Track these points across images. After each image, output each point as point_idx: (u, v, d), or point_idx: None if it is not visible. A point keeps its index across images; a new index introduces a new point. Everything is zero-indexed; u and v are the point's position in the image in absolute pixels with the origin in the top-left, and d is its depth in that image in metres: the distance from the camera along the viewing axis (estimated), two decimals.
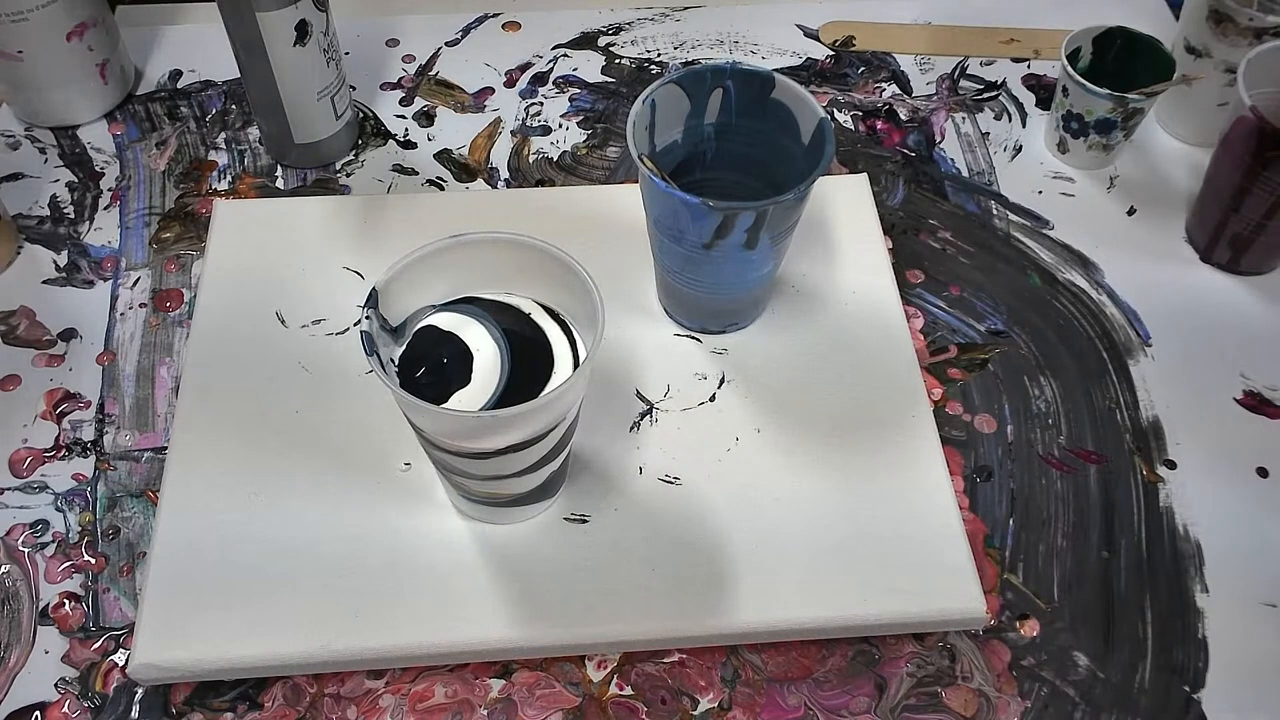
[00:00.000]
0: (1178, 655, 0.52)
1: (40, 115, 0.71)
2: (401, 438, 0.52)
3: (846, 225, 0.64)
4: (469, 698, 0.49)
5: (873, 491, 0.54)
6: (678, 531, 0.52)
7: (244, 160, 0.70)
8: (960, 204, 0.70)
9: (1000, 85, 0.77)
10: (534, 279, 0.47)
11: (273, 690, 0.49)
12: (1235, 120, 0.60)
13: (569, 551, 0.51)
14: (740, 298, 0.57)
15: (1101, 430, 0.59)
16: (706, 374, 0.58)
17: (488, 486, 0.48)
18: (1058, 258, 0.67)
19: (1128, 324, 0.64)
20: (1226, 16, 0.66)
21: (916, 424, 0.56)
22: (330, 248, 0.62)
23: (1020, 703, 0.50)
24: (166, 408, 0.58)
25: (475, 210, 0.65)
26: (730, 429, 0.56)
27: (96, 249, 0.65)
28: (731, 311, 0.58)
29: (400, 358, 0.46)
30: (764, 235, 0.51)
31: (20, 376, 0.59)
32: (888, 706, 0.50)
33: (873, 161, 0.72)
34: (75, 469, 0.56)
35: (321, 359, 0.58)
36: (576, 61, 0.77)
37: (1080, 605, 0.53)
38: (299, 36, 0.62)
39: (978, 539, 0.55)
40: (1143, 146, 0.73)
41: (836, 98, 0.75)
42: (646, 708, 0.49)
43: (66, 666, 0.50)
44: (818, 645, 0.51)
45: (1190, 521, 0.56)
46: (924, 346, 0.62)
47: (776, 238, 0.52)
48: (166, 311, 0.62)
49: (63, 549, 0.53)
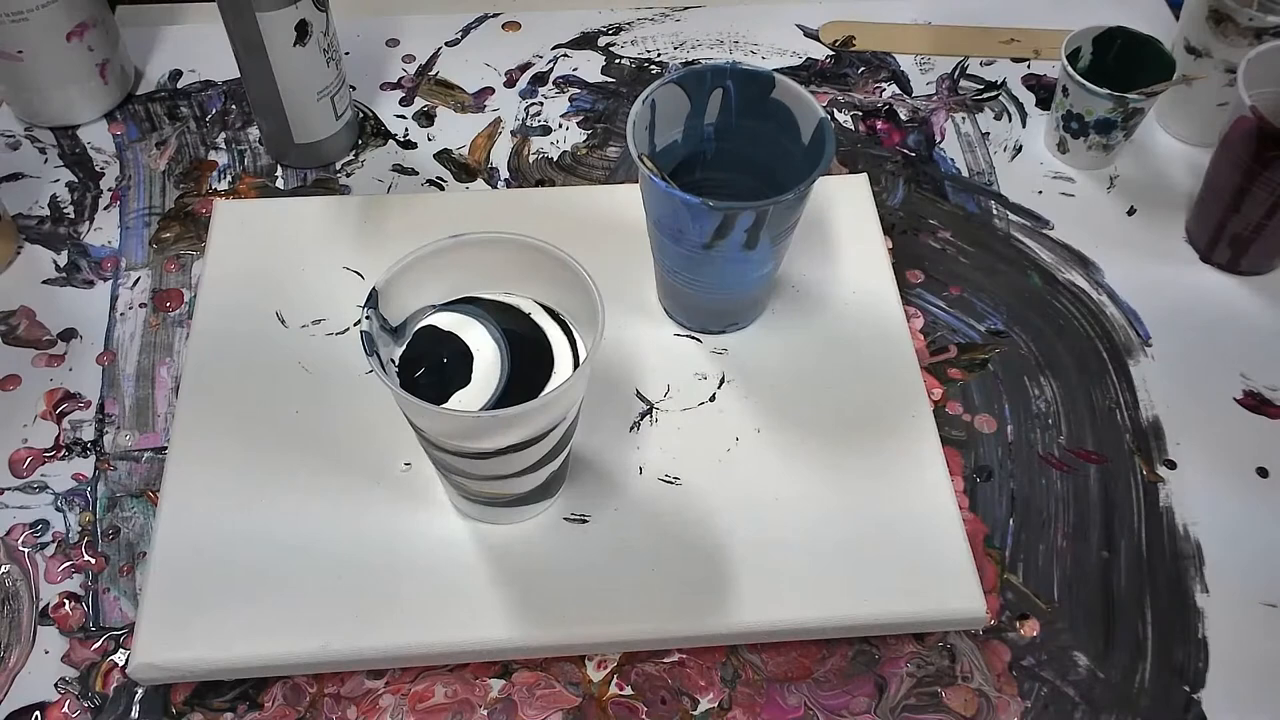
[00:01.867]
0: (1178, 655, 0.52)
1: (40, 115, 0.71)
2: (401, 438, 0.52)
3: (846, 225, 0.64)
4: (469, 698, 0.49)
5: (873, 491, 0.54)
6: (678, 531, 0.52)
7: (244, 160, 0.70)
8: (960, 204, 0.70)
9: (1000, 85, 0.77)
10: (534, 279, 0.47)
11: (273, 690, 0.49)
12: (1235, 120, 0.60)
13: (569, 551, 0.51)
14: (740, 298, 0.57)
15: (1101, 430, 0.59)
16: (706, 374, 0.58)
17: (488, 486, 0.48)
18: (1058, 258, 0.67)
19: (1128, 324, 0.64)
20: (1226, 16, 0.66)
21: (916, 424, 0.56)
22: (330, 248, 0.62)
23: (1020, 703, 0.50)
24: (166, 408, 0.58)
25: (475, 210, 0.65)
26: (730, 429, 0.56)
27: (96, 249, 0.65)
28: (731, 311, 0.58)
29: (400, 358, 0.46)
30: (764, 235, 0.51)
31: (20, 376, 0.59)
32: (888, 706, 0.50)
33: (873, 161, 0.72)
34: (75, 469, 0.56)
35: (321, 359, 0.58)
36: (576, 61, 0.77)
37: (1080, 605, 0.53)
38: (299, 36, 0.62)
39: (978, 539, 0.55)
40: (1143, 146, 0.73)
41: (836, 98, 0.75)
42: (646, 708, 0.49)
43: (66, 666, 0.50)
44: (818, 645, 0.51)
45: (1190, 521, 0.56)
46: (924, 346, 0.62)
47: (776, 237, 0.52)
48: (166, 311, 0.62)
49: (63, 549, 0.53)
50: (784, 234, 0.53)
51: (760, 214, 0.49)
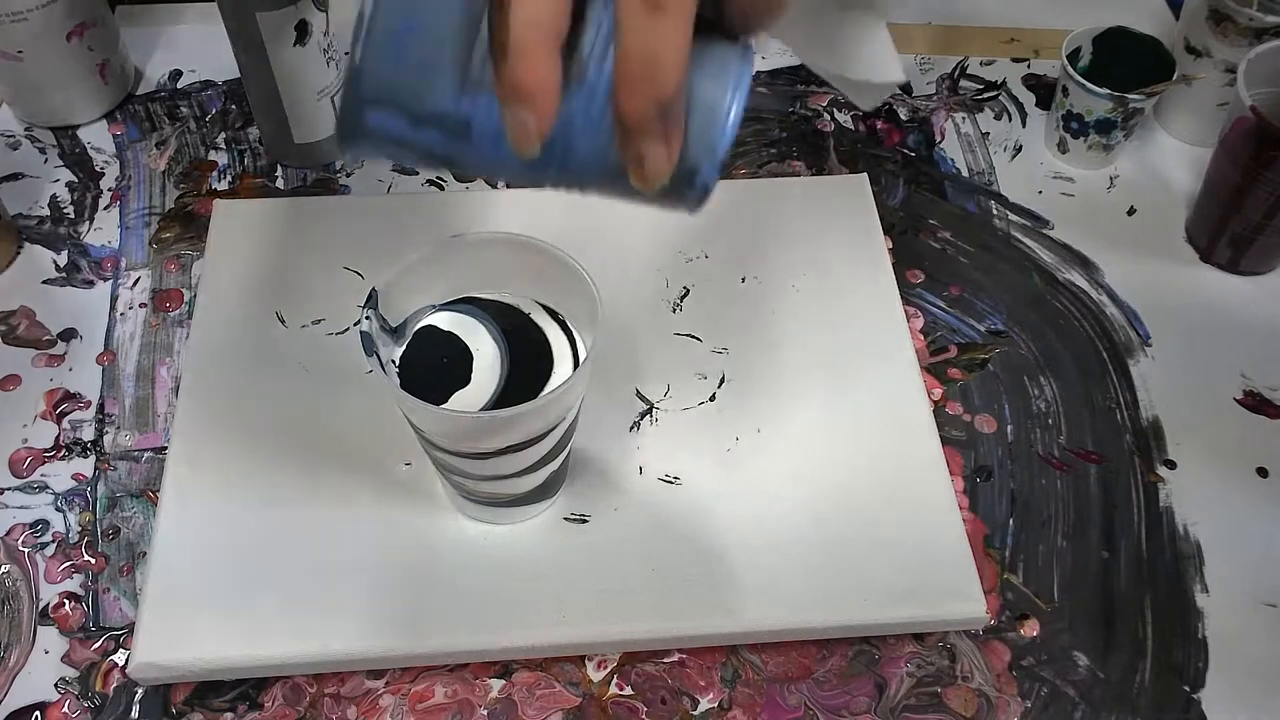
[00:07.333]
0: (1178, 655, 0.52)
1: (40, 115, 0.71)
2: (402, 438, 0.52)
3: (846, 225, 0.64)
4: (469, 698, 0.49)
5: (873, 491, 0.54)
6: (678, 531, 0.52)
7: (244, 160, 0.70)
8: (960, 204, 0.70)
9: (1000, 85, 0.77)
10: (534, 279, 0.47)
11: (273, 690, 0.49)
12: (1235, 120, 0.60)
13: (569, 551, 0.51)
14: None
15: (1101, 430, 0.59)
16: (706, 374, 0.58)
17: (488, 486, 0.48)
18: (1058, 258, 0.67)
19: (1128, 324, 0.64)
20: (1226, 16, 0.66)
21: (916, 424, 0.56)
22: (330, 248, 0.62)
23: (1020, 703, 0.50)
24: (166, 408, 0.58)
25: (475, 210, 0.65)
26: (730, 429, 0.56)
27: (96, 249, 0.65)
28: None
29: (400, 358, 0.46)
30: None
31: (20, 376, 0.59)
32: (888, 706, 0.50)
33: (873, 161, 0.72)
34: (75, 469, 0.56)
35: (321, 359, 0.58)
36: None
37: (1080, 605, 0.53)
38: (299, 36, 0.62)
39: (978, 539, 0.55)
40: (1143, 146, 0.73)
41: (836, 98, 0.75)
42: (646, 708, 0.49)
43: (66, 666, 0.50)
44: (818, 645, 0.51)
45: (1190, 521, 0.56)
46: (924, 346, 0.62)
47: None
48: (166, 311, 0.62)
49: (63, 549, 0.53)
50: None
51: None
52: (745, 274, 0.62)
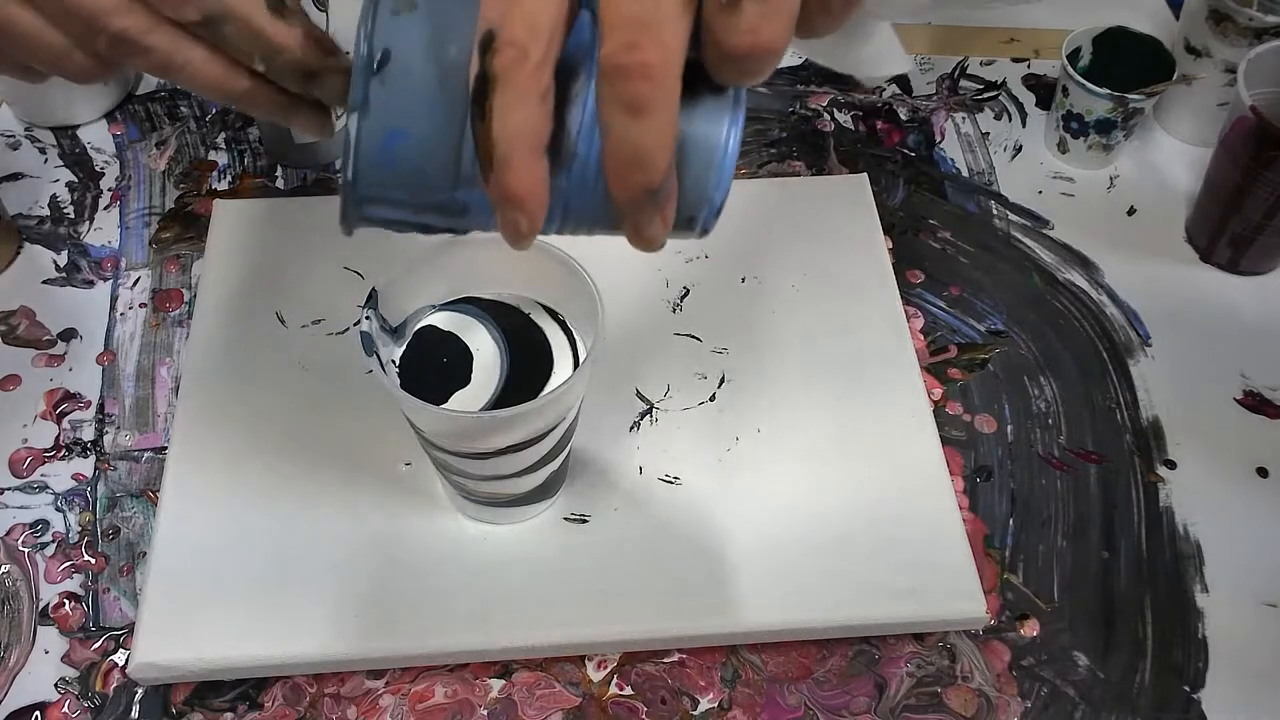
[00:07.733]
0: (1178, 655, 0.52)
1: (40, 115, 0.71)
2: (401, 438, 0.52)
3: (846, 225, 0.64)
4: (469, 698, 0.49)
5: (873, 491, 0.54)
6: (678, 531, 0.52)
7: (244, 160, 0.70)
8: (960, 204, 0.70)
9: (1000, 85, 0.77)
10: (534, 279, 0.47)
11: (273, 690, 0.49)
12: (1235, 120, 0.60)
13: (569, 551, 0.51)
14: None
15: (1101, 430, 0.59)
16: (706, 374, 0.58)
17: (488, 486, 0.48)
18: (1058, 258, 0.67)
19: (1128, 324, 0.64)
20: (1226, 16, 0.66)
21: (916, 424, 0.56)
22: (330, 248, 0.62)
23: (1020, 703, 0.50)
24: (166, 408, 0.58)
25: None
26: (730, 429, 0.56)
27: (96, 249, 0.65)
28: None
29: (400, 358, 0.46)
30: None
31: (20, 376, 0.59)
32: (888, 706, 0.50)
33: (873, 161, 0.72)
34: (75, 469, 0.56)
35: (321, 359, 0.58)
36: None
37: (1080, 605, 0.53)
38: None
39: (978, 539, 0.55)
40: (1143, 146, 0.73)
41: (837, 98, 0.75)
42: (646, 708, 0.49)
43: (66, 666, 0.50)
44: (818, 645, 0.51)
45: (1190, 521, 0.56)
46: (924, 346, 0.62)
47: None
48: (166, 311, 0.62)
49: (63, 549, 0.53)
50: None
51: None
52: (745, 274, 0.62)
